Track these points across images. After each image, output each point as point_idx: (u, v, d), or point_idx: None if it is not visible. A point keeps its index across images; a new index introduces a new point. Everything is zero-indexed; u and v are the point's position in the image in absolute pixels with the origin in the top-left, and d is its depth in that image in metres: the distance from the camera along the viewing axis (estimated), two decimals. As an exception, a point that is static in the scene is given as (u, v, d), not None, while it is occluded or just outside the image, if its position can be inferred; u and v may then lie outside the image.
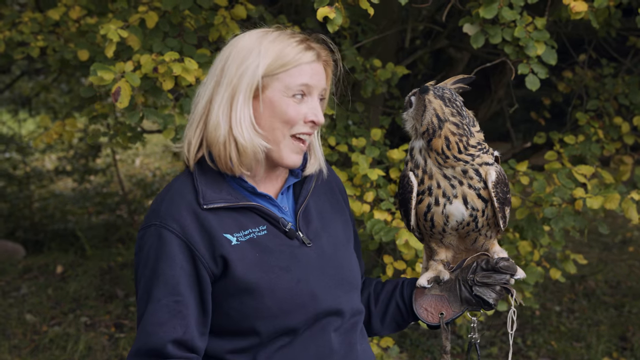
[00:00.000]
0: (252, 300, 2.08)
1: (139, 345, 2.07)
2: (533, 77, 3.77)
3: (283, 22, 4.61)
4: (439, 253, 2.39)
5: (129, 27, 3.90)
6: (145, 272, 2.08)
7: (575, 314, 6.80)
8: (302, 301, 2.12)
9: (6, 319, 6.45)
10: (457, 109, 2.21)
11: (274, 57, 2.10)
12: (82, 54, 4.35)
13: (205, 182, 2.13)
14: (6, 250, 9.09)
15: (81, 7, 4.70)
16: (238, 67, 2.10)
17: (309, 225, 2.24)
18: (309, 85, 2.13)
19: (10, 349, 5.81)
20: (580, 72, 5.43)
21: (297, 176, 2.27)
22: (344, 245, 2.31)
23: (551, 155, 4.47)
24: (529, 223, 4.11)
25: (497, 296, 2.30)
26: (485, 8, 3.64)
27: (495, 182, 2.22)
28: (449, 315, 2.38)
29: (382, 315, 2.48)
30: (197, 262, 2.06)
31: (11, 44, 4.66)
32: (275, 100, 2.11)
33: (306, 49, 2.13)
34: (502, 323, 6.52)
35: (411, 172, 2.26)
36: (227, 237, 2.08)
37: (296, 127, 2.14)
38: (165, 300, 2.05)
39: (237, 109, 2.09)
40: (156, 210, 2.11)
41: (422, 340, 6.06)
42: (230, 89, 2.10)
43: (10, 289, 7.29)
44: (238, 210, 2.13)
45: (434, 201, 2.23)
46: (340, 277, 2.23)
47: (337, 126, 4.52)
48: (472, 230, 2.29)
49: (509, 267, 2.28)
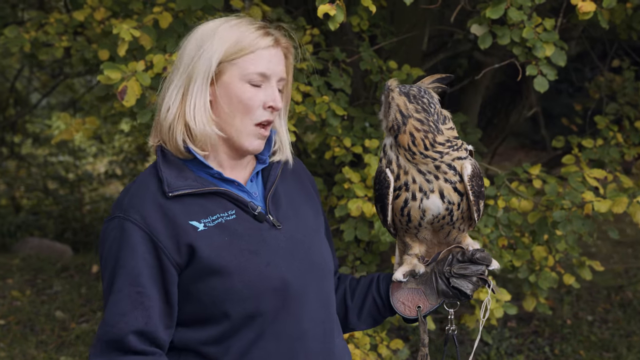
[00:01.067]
0: (222, 283, 2.08)
1: (100, 334, 2.08)
2: (542, 78, 3.74)
3: (302, 24, 4.65)
4: (413, 247, 2.39)
5: (143, 27, 3.98)
6: (108, 263, 2.09)
7: (608, 324, 6.67)
8: (272, 284, 2.12)
9: (36, 315, 6.60)
10: (424, 106, 2.21)
11: (231, 43, 2.10)
12: (103, 53, 4.43)
13: (169, 171, 2.14)
14: (54, 251, 9.30)
15: (106, 8, 4.80)
16: (195, 53, 2.12)
17: (278, 209, 2.24)
18: (266, 72, 2.14)
19: (37, 344, 5.94)
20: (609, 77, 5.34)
21: (264, 162, 2.28)
22: (314, 230, 2.32)
23: (569, 159, 4.41)
24: (539, 227, 4.06)
25: (474, 287, 2.31)
26: (492, 9, 3.62)
27: (471, 176, 2.22)
28: (425, 308, 2.37)
29: (358, 310, 2.48)
30: (160, 254, 2.06)
31: (36, 44, 4.78)
32: (232, 86, 2.13)
33: (264, 34, 2.14)
34: (530, 332, 6.44)
35: (387, 168, 2.26)
36: (193, 225, 2.09)
37: (257, 115, 2.15)
38: (127, 290, 2.05)
39: (192, 94, 2.11)
40: (120, 202, 2.13)
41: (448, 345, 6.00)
42: (186, 74, 2.12)
43: (44, 287, 7.45)
44: (205, 196, 2.14)
45: (410, 196, 2.23)
46: (310, 261, 2.23)
47: (354, 127, 4.53)
48: (447, 224, 2.29)
49: (485, 257, 2.30)
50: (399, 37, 4.90)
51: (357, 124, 4.57)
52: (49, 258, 8.53)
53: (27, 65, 10.13)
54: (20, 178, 11.86)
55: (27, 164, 11.99)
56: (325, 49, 4.62)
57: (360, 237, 4.18)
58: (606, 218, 3.77)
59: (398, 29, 5.07)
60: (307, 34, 4.53)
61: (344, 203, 4.17)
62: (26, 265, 8.18)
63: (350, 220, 4.22)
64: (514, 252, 4.27)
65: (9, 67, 11.15)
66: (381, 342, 4.22)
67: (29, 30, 4.80)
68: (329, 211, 4.63)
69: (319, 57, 4.53)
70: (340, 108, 4.18)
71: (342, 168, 4.29)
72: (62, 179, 12.19)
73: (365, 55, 4.47)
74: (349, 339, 4.05)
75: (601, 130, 4.59)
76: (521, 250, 4.24)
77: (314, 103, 4.18)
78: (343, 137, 4.36)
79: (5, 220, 10.47)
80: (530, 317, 6.65)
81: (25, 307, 6.76)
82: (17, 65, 10.65)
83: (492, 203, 4.21)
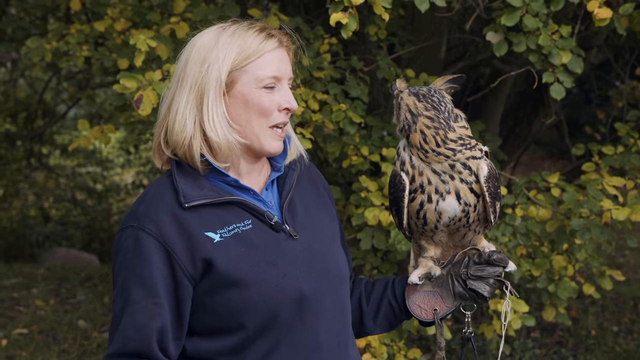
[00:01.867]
0: (239, 294, 2.07)
1: (118, 347, 2.06)
2: (558, 85, 3.71)
3: (320, 34, 4.65)
4: (429, 250, 2.38)
5: (159, 37, 4.00)
6: (122, 273, 2.08)
7: (633, 335, 6.58)
8: (288, 295, 2.11)
9: (59, 324, 6.65)
10: (433, 104, 2.21)
11: (237, 51, 2.09)
12: (122, 62, 4.46)
13: (185, 180, 2.13)
14: (81, 261, 9.38)
15: (126, 19, 4.84)
16: (201, 66, 2.10)
17: (295, 218, 2.23)
18: (278, 75, 2.14)
19: (59, 353, 5.99)
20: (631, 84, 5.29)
21: (280, 170, 2.28)
22: (330, 238, 2.31)
23: (589, 166, 4.37)
24: (558, 235, 4.02)
25: (491, 289, 2.31)
26: (507, 16, 3.60)
27: (487, 177, 2.21)
28: (442, 311, 2.37)
29: (374, 314, 2.47)
30: (175, 265, 2.05)
31: (57, 54, 4.83)
32: (246, 93, 2.12)
33: (267, 36, 2.13)
34: (554, 342, 6.37)
35: (402, 171, 2.25)
36: (208, 236, 2.07)
37: (273, 118, 2.15)
38: (144, 302, 2.04)
39: (208, 108, 2.09)
40: (134, 211, 2.11)
41: (470, 357, 5.96)
42: (196, 89, 2.10)
43: (68, 296, 7.50)
44: (221, 206, 2.13)
45: (426, 198, 2.23)
46: (327, 271, 2.22)
47: (372, 136, 4.53)
48: (463, 226, 2.28)
49: (501, 259, 2.29)
50: (418, 45, 4.89)
51: (375, 132, 4.56)
52: (73, 268, 8.60)
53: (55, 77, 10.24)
54: (49, 189, 11.98)
55: (56, 175, 12.11)
56: (343, 58, 4.63)
57: (377, 246, 4.16)
58: (625, 226, 3.72)
59: (417, 38, 5.07)
60: (325, 43, 4.54)
61: (361, 212, 4.16)
62: (51, 275, 8.25)
63: (367, 229, 4.21)
64: (533, 261, 4.23)
65: (37, 79, 11.29)
66: (399, 352, 4.19)
67: (50, 41, 4.86)
68: (347, 220, 4.62)
69: (337, 66, 4.53)
70: (357, 116, 4.18)
71: (360, 177, 4.29)
72: (90, 189, 12.30)
73: (383, 64, 4.47)
74: (366, 348, 4.03)
75: (622, 137, 4.55)
76: (540, 260, 4.20)
77: (331, 111, 4.18)
78: (361, 146, 4.36)
79: (34, 231, 10.56)
80: (554, 328, 6.58)
81: (49, 317, 6.81)
82: (45, 77, 10.78)
83: (510, 212, 4.17)
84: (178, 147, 2.13)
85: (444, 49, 5.05)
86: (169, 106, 2.15)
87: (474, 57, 5.35)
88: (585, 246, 4.06)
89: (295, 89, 4.10)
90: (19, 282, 7.88)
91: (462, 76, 2.36)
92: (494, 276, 2.29)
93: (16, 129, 11.13)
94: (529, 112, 6.20)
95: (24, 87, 11.75)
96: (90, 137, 4.37)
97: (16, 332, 6.43)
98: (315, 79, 4.31)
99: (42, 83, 11.00)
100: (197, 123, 2.10)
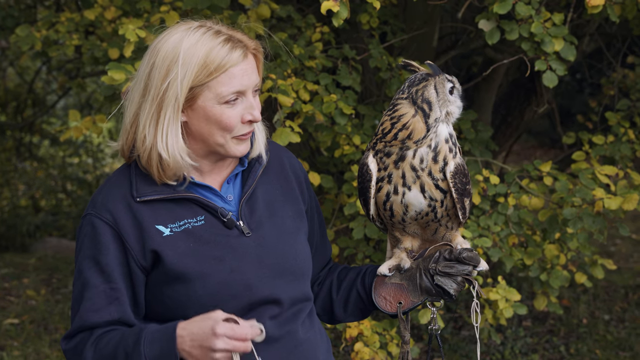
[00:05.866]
0: (184, 289, 2.12)
1: (74, 329, 2.14)
2: (551, 73, 3.71)
3: (312, 22, 4.63)
4: (404, 241, 2.37)
5: (149, 26, 3.97)
6: (81, 258, 2.15)
7: (625, 323, 6.59)
8: (235, 291, 2.14)
9: (50, 314, 6.64)
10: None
11: (200, 65, 2.07)
12: (113, 52, 4.43)
13: (141, 174, 2.17)
14: (72, 250, 9.33)
15: (116, 7, 4.80)
16: (163, 80, 2.07)
17: (252, 213, 2.24)
18: (241, 89, 2.12)
19: (51, 343, 5.98)
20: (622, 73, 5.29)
21: (243, 164, 2.28)
22: (290, 234, 2.30)
23: (579, 155, 4.37)
24: (550, 224, 4.02)
25: (458, 287, 2.28)
26: (499, 4, 3.60)
27: (454, 173, 2.20)
28: (407, 305, 2.34)
29: (344, 303, 2.47)
30: (128, 255, 2.12)
31: (48, 42, 4.80)
32: (208, 109, 2.11)
33: (232, 48, 2.10)
34: (545, 331, 6.38)
35: (373, 158, 2.24)
36: (159, 229, 2.13)
37: (236, 130, 2.15)
38: (102, 287, 2.11)
39: (163, 124, 2.09)
40: (94, 200, 2.17)
41: (462, 345, 5.98)
42: (156, 103, 2.09)
43: (59, 286, 7.49)
44: (176, 202, 2.16)
45: (392, 189, 2.22)
46: (281, 267, 2.23)
47: (364, 125, 4.51)
48: (432, 221, 2.28)
49: (472, 258, 2.27)
50: (410, 34, 4.87)
51: (367, 122, 4.55)
52: (64, 258, 8.58)
53: (45, 67, 10.18)
54: (39, 179, 11.93)
55: (46, 165, 12.06)
56: (335, 47, 4.61)
57: (369, 235, 4.16)
58: (617, 215, 3.73)
59: (409, 26, 5.05)
60: (317, 32, 4.52)
61: (353, 201, 4.15)
62: (42, 265, 8.24)
63: (359, 218, 4.20)
64: (525, 250, 4.23)
65: (27, 69, 11.22)
66: (391, 341, 4.19)
67: (40, 29, 4.82)
68: (339, 209, 4.61)
69: (329, 54, 4.51)
70: (347, 106, 4.15)
71: (352, 166, 4.28)
72: (80, 180, 12.26)
73: (375, 53, 4.45)
74: (358, 337, 4.03)
75: (612, 126, 4.54)
76: (532, 249, 4.20)
77: (322, 102, 4.16)
78: (352, 135, 4.34)
79: (25, 221, 10.53)
80: (545, 316, 6.59)
81: (40, 306, 6.79)
82: (34, 66, 10.72)
83: (503, 200, 4.17)
84: (142, 157, 2.14)
85: (437, 37, 5.04)
86: (135, 114, 2.15)
87: (467, 46, 5.34)
88: (577, 235, 4.06)
89: (286, 79, 4.08)
90: (10, 272, 7.86)
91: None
92: (462, 274, 2.27)
93: (6, 118, 11.07)
94: (522, 101, 6.19)
95: (13, 76, 11.68)
96: (82, 128, 4.35)
97: (7, 322, 6.41)
98: (307, 69, 4.29)
99: (32, 73, 10.94)
100: (154, 138, 2.11)
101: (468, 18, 5.01)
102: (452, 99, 2.26)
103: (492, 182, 4.15)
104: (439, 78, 2.24)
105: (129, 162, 2.20)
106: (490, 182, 4.16)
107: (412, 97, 2.20)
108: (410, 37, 4.91)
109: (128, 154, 2.19)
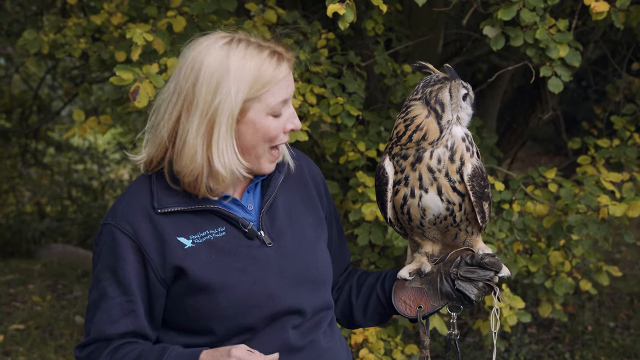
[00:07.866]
0: (207, 300, 2.11)
1: (90, 339, 2.13)
2: (556, 79, 3.71)
3: (318, 28, 4.63)
4: (424, 246, 2.35)
5: (156, 31, 3.99)
6: (99, 268, 2.14)
7: (630, 330, 6.58)
8: (258, 302, 2.13)
9: (56, 320, 6.64)
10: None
11: (252, 80, 2.07)
12: (120, 55, 4.44)
13: (162, 185, 2.15)
14: (78, 257, 9.37)
15: (123, 13, 4.82)
16: (214, 95, 2.05)
17: (273, 223, 2.23)
18: (286, 98, 2.14)
19: (56, 349, 5.99)
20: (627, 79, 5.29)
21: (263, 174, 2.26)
22: (311, 242, 2.29)
23: (584, 159, 4.37)
24: (555, 231, 4.02)
25: (479, 292, 2.27)
26: (504, 10, 3.60)
27: (472, 175, 2.19)
28: (427, 309, 2.33)
29: (363, 307, 2.46)
30: (147, 266, 2.10)
31: (55, 46, 4.81)
32: (257, 121, 2.10)
33: (279, 61, 2.11)
34: (550, 338, 6.37)
35: (390, 161, 2.24)
36: (180, 241, 2.11)
37: (277, 140, 2.15)
38: (119, 299, 2.10)
39: (218, 141, 2.06)
40: (115, 209, 2.15)
41: (467, 352, 5.97)
42: (207, 119, 2.05)
43: (65, 292, 7.50)
44: (196, 213, 2.15)
45: (409, 192, 2.21)
46: (302, 276, 2.22)
47: (369, 132, 4.52)
48: (451, 225, 2.26)
49: (494, 263, 2.25)
50: (415, 41, 4.88)
51: (372, 128, 4.55)
52: (70, 264, 8.59)
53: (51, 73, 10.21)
54: (44, 185, 11.95)
55: (51, 172, 12.08)
56: (340, 53, 4.61)
57: (374, 241, 4.16)
58: (622, 222, 3.72)
59: (414, 33, 5.05)
60: (322, 38, 4.53)
61: (358, 207, 4.15)
62: (47, 271, 8.24)
63: (364, 224, 4.20)
64: (530, 257, 4.23)
65: (32, 75, 11.25)
66: (396, 347, 4.19)
67: (47, 34, 4.84)
68: (344, 215, 4.61)
69: (334, 61, 4.52)
70: (354, 108, 4.17)
71: (357, 172, 4.28)
72: (85, 186, 12.28)
73: (379, 59, 4.46)
74: (363, 344, 4.02)
75: (618, 130, 4.54)
76: (537, 255, 4.19)
77: (329, 105, 4.17)
78: (357, 142, 4.35)
79: (30, 227, 10.55)
80: (550, 323, 6.58)
81: (45, 312, 6.80)
82: (40, 73, 10.74)
83: (507, 207, 4.17)
84: (185, 175, 2.11)
85: (441, 44, 5.04)
86: (174, 128, 2.11)
87: (471, 53, 5.35)
88: (582, 242, 4.06)
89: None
90: (16, 278, 7.87)
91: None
92: (484, 280, 2.25)
93: (11, 125, 11.10)
94: (526, 107, 6.19)
95: (18, 83, 11.71)
96: (86, 127, 4.35)
97: (13, 328, 6.42)
98: (312, 74, 4.30)
99: (38, 79, 10.96)
100: (206, 155, 2.08)
101: (473, 25, 5.01)
102: (464, 105, 2.25)
103: (497, 188, 4.15)
104: (455, 82, 2.23)
105: (151, 173, 2.17)
106: (495, 188, 4.16)
107: (425, 97, 2.20)
108: (415, 43, 4.91)
109: (155, 166, 2.16)
